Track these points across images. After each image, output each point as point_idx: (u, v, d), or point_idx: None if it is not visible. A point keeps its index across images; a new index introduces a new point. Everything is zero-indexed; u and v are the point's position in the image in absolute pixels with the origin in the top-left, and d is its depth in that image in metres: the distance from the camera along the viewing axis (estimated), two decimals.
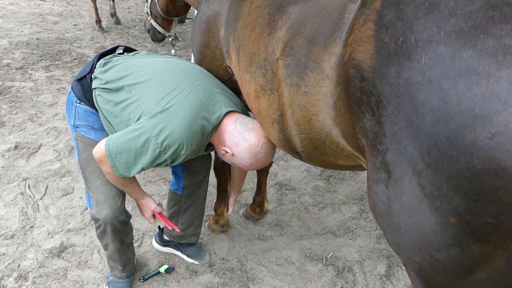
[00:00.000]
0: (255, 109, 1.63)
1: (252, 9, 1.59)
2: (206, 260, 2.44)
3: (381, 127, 0.97)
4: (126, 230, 2.06)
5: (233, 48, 1.72)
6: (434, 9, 0.87)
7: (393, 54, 0.92)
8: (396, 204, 0.97)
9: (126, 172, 1.68)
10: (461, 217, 0.85)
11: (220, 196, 2.58)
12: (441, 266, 0.95)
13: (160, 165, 1.70)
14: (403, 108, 0.90)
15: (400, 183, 0.95)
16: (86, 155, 1.89)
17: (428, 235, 0.92)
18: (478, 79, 0.77)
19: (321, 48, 1.19)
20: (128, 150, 1.62)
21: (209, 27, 1.92)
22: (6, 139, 3.56)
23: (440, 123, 0.82)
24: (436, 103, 0.83)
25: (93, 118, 1.91)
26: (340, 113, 1.16)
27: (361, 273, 2.39)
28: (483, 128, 0.76)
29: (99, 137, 1.88)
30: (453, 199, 0.84)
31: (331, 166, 1.50)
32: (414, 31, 0.89)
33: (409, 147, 0.90)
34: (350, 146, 1.23)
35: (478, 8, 0.81)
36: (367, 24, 1.01)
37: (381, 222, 1.07)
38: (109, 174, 1.73)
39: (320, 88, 1.20)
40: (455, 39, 0.82)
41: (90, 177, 1.90)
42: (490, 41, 0.78)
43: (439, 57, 0.83)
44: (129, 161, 1.65)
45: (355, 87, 1.04)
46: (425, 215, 0.91)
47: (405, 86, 0.89)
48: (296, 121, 1.35)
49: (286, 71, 1.33)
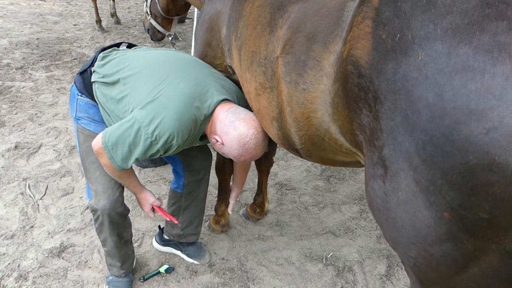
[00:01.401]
0: (255, 107, 1.64)
1: (253, 8, 1.61)
2: (206, 260, 2.44)
3: (378, 122, 0.98)
4: (124, 223, 2.06)
5: (235, 47, 1.74)
6: (431, 7, 0.88)
7: (390, 50, 0.94)
8: (392, 199, 0.98)
9: (123, 164, 1.69)
10: (455, 212, 0.86)
11: (221, 197, 2.59)
12: (435, 261, 0.96)
13: (154, 155, 1.71)
14: (400, 104, 0.91)
15: (396, 178, 0.96)
16: (86, 147, 1.92)
17: (422, 229, 0.93)
18: (473, 75, 0.78)
19: (320, 46, 1.21)
20: (122, 141, 1.64)
21: (212, 26, 1.94)
22: (6, 139, 3.56)
23: (436, 118, 0.83)
24: (432, 99, 0.84)
25: (94, 110, 1.94)
26: (338, 109, 1.17)
27: (361, 273, 2.39)
28: (478, 123, 0.77)
29: (99, 129, 1.91)
30: (447, 194, 0.85)
31: (330, 162, 1.51)
32: (411, 28, 0.90)
33: (405, 143, 0.91)
34: (348, 142, 1.24)
35: (474, 6, 0.82)
36: (365, 21, 1.03)
37: (378, 217, 1.08)
38: (107, 166, 1.74)
39: (318, 85, 1.22)
40: (451, 36, 0.83)
41: (90, 168, 1.93)
42: (486, 38, 0.79)
43: (436, 54, 0.84)
44: (125, 152, 1.66)
45: (353, 84, 1.06)
46: (420, 209, 0.92)
47: (402, 82, 0.90)
48: (295, 118, 1.36)
49: (285, 69, 1.34)
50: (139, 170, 3.31)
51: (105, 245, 2.10)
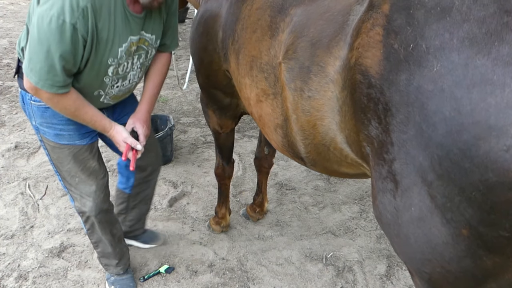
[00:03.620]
0: (256, 113, 1.60)
1: (252, 11, 1.55)
2: (161, 240, 2.48)
3: (388, 135, 0.95)
4: (111, 220, 2.05)
5: (232, 51, 1.68)
6: (446, 15, 0.84)
7: (403, 61, 0.90)
8: (404, 214, 0.95)
9: (56, 81, 1.48)
10: (474, 229, 0.83)
11: (221, 200, 2.59)
12: (452, 277, 0.93)
13: (78, 49, 1.45)
14: (413, 117, 0.87)
15: (408, 193, 0.92)
16: (57, 157, 1.82)
17: (439, 246, 0.90)
18: (492, 89, 0.75)
19: (324, 51, 1.17)
20: (35, 54, 1.44)
21: (207, 30, 1.86)
22: (6, 139, 3.56)
23: (453, 133, 0.80)
24: (449, 112, 0.80)
25: (48, 113, 1.73)
26: (345, 118, 1.14)
27: (361, 273, 2.39)
28: (498, 140, 0.74)
29: (62, 138, 1.76)
30: (466, 211, 0.82)
31: (334, 173, 1.47)
32: (425, 38, 0.86)
33: (419, 157, 0.87)
34: (353, 153, 1.20)
35: (492, 13, 0.78)
36: (375, 29, 0.98)
37: (388, 232, 1.05)
38: (51, 99, 1.55)
39: (325, 93, 1.18)
40: (468, 47, 0.79)
41: (67, 177, 1.86)
42: (506, 48, 0.75)
43: (452, 65, 0.81)
44: (46, 65, 1.44)
45: (362, 93, 1.02)
46: (436, 226, 0.89)
47: (416, 94, 0.86)
48: (301, 126, 1.32)
49: (289, 75, 1.30)
50: None
51: (98, 246, 2.08)
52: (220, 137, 2.31)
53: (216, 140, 2.37)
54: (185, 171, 3.31)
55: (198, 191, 3.08)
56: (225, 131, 2.26)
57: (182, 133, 3.91)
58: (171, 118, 3.46)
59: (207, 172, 3.30)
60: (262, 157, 2.61)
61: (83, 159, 1.83)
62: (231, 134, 2.33)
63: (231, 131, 2.31)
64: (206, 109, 2.24)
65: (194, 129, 3.98)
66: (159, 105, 4.53)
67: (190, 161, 3.47)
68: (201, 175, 3.26)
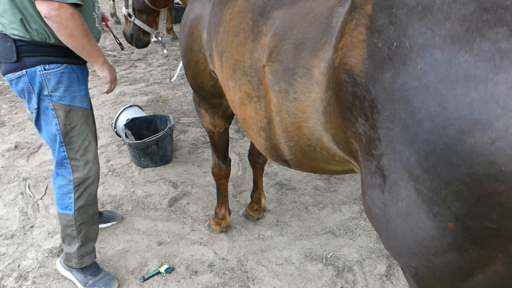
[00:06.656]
0: (240, 116, 1.61)
1: (234, 14, 1.55)
2: (119, 217, 2.51)
3: (376, 132, 0.96)
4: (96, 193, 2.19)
5: (216, 53, 1.69)
6: (428, 13, 0.86)
7: (387, 59, 0.91)
8: (392, 209, 0.97)
9: None
10: (460, 222, 0.84)
11: (220, 200, 2.60)
12: (439, 271, 0.94)
13: None
14: (399, 113, 0.89)
15: (396, 188, 0.94)
16: (70, 122, 1.95)
17: (425, 240, 0.92)
18: (476, 84, 0.77)
19: (309, 53, 1.18)
20: None
21: (192, 31, 1.88)
22: (6, 139, 3.56)
23: (438, 129, 0.82)
24: (434, 108, 0.82)
25: (65, 76, 1.92)
26: (330, 118, 1.15)
27: (361, 273, 2.39)
28: (482, 133, 0.76)
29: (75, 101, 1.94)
30: (452, 204, 0.84)
31: (321, 171, 1.49)
32: (408, 36, 0.88)
33: (406, 153, 0.89)
34: (341, 150, 1.22)
35: (472, 11, 0.80)
36: (359, 29, 1.00)
37: (377, 226, 1.06)
38: (73, 15, 1.72)
39: (310, 94, 1.19)
40: (450, 44, 0.81)
41: (78, 141, 1.97)
42: (487, 45, 0.77)
43: (436, 62, 0.83)
44: None
45: (347, 92, 1.04)
46: (422, 220, 0.90)
47: (401, 91, 0.88)
48: (285, 128, 1.34)
49: (273, 78, 1.31)
50: (139, 170, 3.31)
51: (85, 226, 2.11)
52: (214, 136, 2.33)
53: (211, 139, 2.39)
54: (185, 171, 3.31)
55: (198, 191, 3.08)
56: (218, 130, 2.28)
57: (182, 133, 3.91)
58: (171, 118, 3.46)
59: (207, 172, 3.30)
60: (255, 153, 2.61)
61: (90, 122, 2.07)
62: (226, 133, 2.35)
63: (225, 130, 2.32)
64: (198, 108, 2.26)
65: (194, 129, 3.98)
66: (159, 105, 4.53)
67: (190, 161, 3.47)
68: (201, 175, 3.27)
